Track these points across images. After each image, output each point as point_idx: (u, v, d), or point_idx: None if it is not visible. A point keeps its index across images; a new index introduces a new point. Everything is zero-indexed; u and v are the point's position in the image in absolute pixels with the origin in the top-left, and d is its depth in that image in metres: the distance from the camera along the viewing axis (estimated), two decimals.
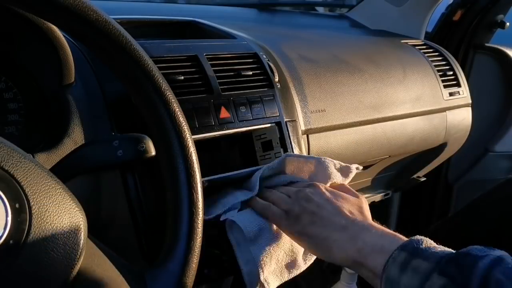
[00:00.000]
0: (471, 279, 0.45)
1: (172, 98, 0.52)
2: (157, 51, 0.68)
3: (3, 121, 0.60)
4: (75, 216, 0.41)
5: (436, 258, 0.49)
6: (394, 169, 1.16)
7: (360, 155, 0.94)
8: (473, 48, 1.40)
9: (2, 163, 0.38)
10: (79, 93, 0.59)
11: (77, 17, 0.44)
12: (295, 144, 0.76)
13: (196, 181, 0.52)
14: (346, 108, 0.89)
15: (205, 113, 0.67)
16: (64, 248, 0.39)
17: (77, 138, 0.57)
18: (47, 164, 0.52)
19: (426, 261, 0.49)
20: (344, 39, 1.17)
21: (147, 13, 1.02)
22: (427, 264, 0.49)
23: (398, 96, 0.98)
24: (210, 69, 0.70)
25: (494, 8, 1.32)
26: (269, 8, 1.38)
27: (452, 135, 1.12)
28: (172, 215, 0.51)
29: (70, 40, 0.61)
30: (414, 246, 0.51)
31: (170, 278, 0.48)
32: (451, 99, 1.10)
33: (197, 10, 1.32)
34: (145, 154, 0.54)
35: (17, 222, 0.37)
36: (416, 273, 0.49)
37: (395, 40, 1.17)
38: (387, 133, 0.96)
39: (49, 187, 0.40)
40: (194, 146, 0.53)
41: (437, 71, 1.09)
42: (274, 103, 0.75)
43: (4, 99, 0.60)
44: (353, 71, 0.93)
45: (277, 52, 0.85)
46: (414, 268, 0.49)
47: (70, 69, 0.58)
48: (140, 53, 0.49)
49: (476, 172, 1.48)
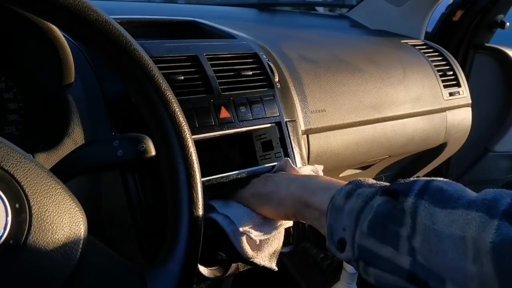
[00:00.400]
0: (412, 188, 0.46)
1: (172, 98, 0.52)
2: (157, 51, 0.68)
3: (3, 121, 0.60)
4: (75, 216, 0.41)
5: (380, 186, 0.51)
6: (394, 169, 1.16)
7: (360, 155, 0.94)
8: (473, 48, 1.40)
9: (2, 163, 0.38)
10: (79, 93, 0.59)
11: (77, 17, 0.44)
12: (295, 144, 0.76)
13: (196, 181, 0.52)
14: (346, 108, 0.89)
15: (205, 113, 0.67)
16: (64, 248, 0.39)
17: (77, 138, 0.57)
18: (47, 164, 0.52)
19: (371, 187, 0.51)
20: (344, 39, 1.17)
21: (147, 13, 1.02)
22: (372, 189, 0.51)
23: (398, 96, 0.98)
24: (210, 69, 0.70)
25: (494, 8, 1.32)
26: (269, 8, 1.38)
27: (452, 135, 1.12)
28: (172, 215, 0.51)
29: (70, 40, 0.61)
30: (359, 181, 0.53)
31: (170, 278, 0.48)
32: (451, 99, 1.10)
33: (197, 10, 1.32)
34: (145, 154, 0.54)
35: (17, 222, 0.37)
36: (361, 196, 0.50)
37: (395, 40, 1.17)
38: (387, 133, 0.97)
39: (49, 187, 0.40)
40: (194, 146, 0.53)
41: (437, 71, 1.09)
42: (274, 103, 0.75)
43: (4, 99, 0.60)
44: (353, 71, 0.93)
45: (277, 52, 0.85)
46: (359, 193, 0.51)
47: (70, 69, 0.58)
48: (140, 53, 0.49)
49: (476, 172, 1.48)
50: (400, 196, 0.47)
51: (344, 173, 1.00)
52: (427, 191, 0.45)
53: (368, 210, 0.48)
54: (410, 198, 0.46)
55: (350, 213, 0.50)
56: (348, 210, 0.50)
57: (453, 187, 0.45)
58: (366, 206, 0.49)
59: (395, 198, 0.47)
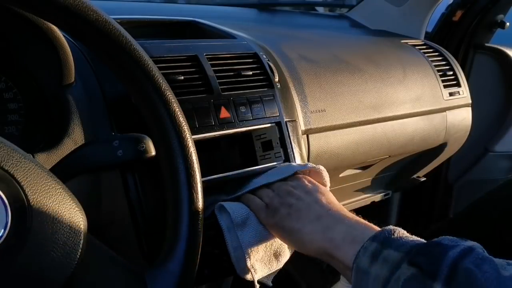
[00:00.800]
0: (440, 268, 0.45)
1: (172, 98, 0.52)
2: (157, 51, 0.68)
3: (3, 121, 0.60)
4: (75, 216, 0.41)
5: (407, 248, 0.49)
6: (394, 169, 1.16)
7: (360, 155, 0.94)
8: (473, 48, 1.40)
9: (2, 163, 0.38)
10: (79, 93, 0.59)
11: (77, 17, 0.44)
12: (295, 144, 0.76)
13: (196, 181, 0.52)
14: (346, 108, 0.89)
15: (205, 113, 0.67)
16: (64, 248, 0.39)
17: (77, 138, 0.57)
18: (47, 164, 0.52)
19: (396, 251, 0.49)
20: (344, 39, 1.17)
21: (147, 13, 1.02)
22: (398, 254, 0.48)
23: (398, 96, 0.98)
24: (210, 69, 0.70)
25: (494, 8, 1.32)
26: (269, 8, 1.38)
27: (452, 135, 1.12)
28: (172, 215, 0.51)
29: (70, 40, 0.61)
30: (385, 236, 0.51)
31: (170, 278, 0.48)
32: (451, 99, 1.10)
33: (197, 10, 1.32)
34: (145, 154, 0.54)
35: (17, 222, 0.37)
36: (386, 263, 0.48)
37: (395, 40, 1.17)
38: (387, 133, 0.97)
39: (49, 187, 0.40)
40: (194, 146, 0.53)
41: (437, 71, 1.09)
42: (274, 103, 0.75)
43: (4, 99, 0.60)
44: (353, 71, 0.93)
45: (277, 52, 0.85)
46: (385, 257, 0.49)
47: (70, 69, 0.58)
48: (140, 53, 0.49)
49: (476, 172, 1.48)
50: (426, 276, 0.45)
51: (344, 173, 1.00)
52: (455, 277, 0.44)
53: (395, 283, 0.47)
54: (437, 285, 0.44)
55: (376, 279, 0.48)
56: (373, 276, 0.49)
57: (483, 269, 0.43)
58: (392, 277, 0.47)
59: (422, 274, 0.45)
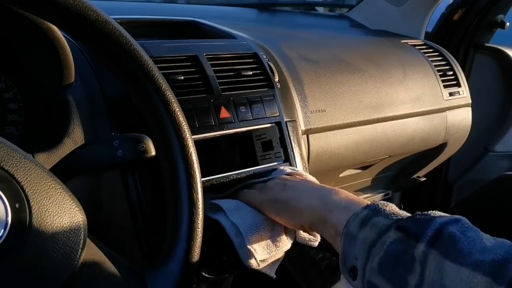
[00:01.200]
0: (425, 232, 0.45)
1: (172, 98, 0.52)
2: (157, 51, 0.68)
3: (3, 121, 0.60)
4: (75, 216, 0.41)
5: (397, 217, 0.50)
6: (394, 169, 1.16)
7: (360, 155, 0.94)
8: (473, 48, 1.40)
9: (2, 163, 0.38)
10: (79, 93, 0.59)
11: (77, 17, 0.44)
12: (295, 144, 0.76)
13: (196, 181, 0.52)
14: (346, 108, 0.89)
15: (205, 113, 0.67)
16: (64, 248, 0.39)
17: (77, 138, 0.57)
18: (47, 164, 0.52)
19: (386, 218, 0.50)
20: (344, 39, 1.17)
21: (147, 13, 1.02)
22: (387, 221, 0.49)
23: (398, 96, 0.98)
24: (210, 69, 0.70)
25: (494, 8, 1.32)
26: (269, 8, 1.38)
27: (452, 135, 1.12)
28: (172, 215, 0.51)
29: (70, 40, 0.61)
30: (377, 207, 0.52)
31: (170, 278, 0.48)
32: (451, 99, 1.10)
33: (197, 10, 1.32)
34: (145, 154, 0.54)
35: (17, 222, 0.37)
36: (375, 227, 0.49)
37: (395, 40, 1.17)
38: (387, 133, 0.97)
39: (49, 187, 0.40)
40: (194, 146, 0.53)
41: (437, 71, 1.09)
42: (274, 103, 0.75)
43: (4, 99, 0.60)
44: (353, 71, 0.93)
45: (277, 52, 0.85)
46: (374, 223, 0.50)
47: (70, 69, 0.58)
48: (140, 53, 0.49)
49: (476, 172, 1.48)
50: (412, 238, 0.46)
51: (344, 173, 1.00)
52: (439, 239, 0.44)
53: (380, 246, 0.47)
54: (421, 245, 0.44)
55: (363, 243, 0.49)
56: (361, 240, 0.50)
57: (467, 236, 0.44)
58: (379, 241, 0.48)
59: (408, 237, 0.46)
